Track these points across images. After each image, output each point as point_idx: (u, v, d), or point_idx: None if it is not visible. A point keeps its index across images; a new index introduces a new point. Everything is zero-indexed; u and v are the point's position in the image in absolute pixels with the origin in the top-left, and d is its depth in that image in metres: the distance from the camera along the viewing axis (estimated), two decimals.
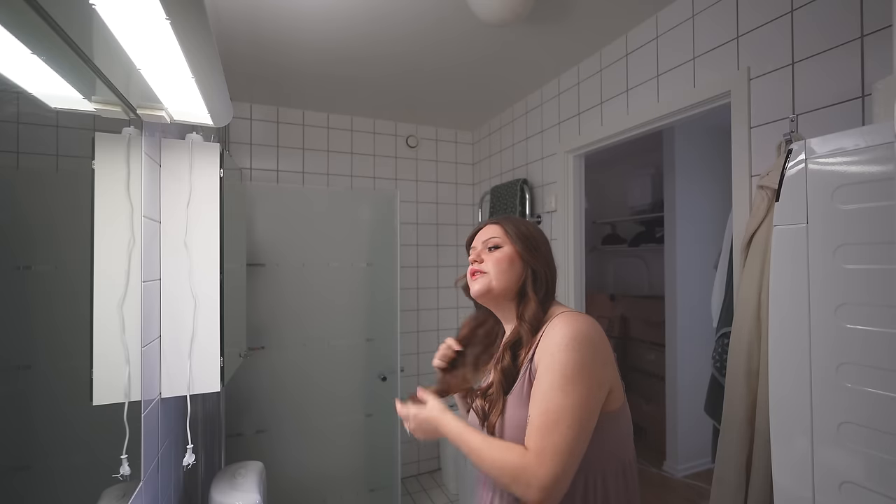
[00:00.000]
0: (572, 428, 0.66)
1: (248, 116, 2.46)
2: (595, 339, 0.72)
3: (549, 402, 0.68)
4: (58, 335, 0.81)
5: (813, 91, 1.15)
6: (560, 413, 0.67)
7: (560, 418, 0.66)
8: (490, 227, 0.90)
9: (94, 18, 0.64)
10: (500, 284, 0.83)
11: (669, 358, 2.80)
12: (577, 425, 0.66)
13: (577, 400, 0.67)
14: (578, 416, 0.67)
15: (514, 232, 0.86)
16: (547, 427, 0.67)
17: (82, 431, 0.89)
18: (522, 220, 0.90)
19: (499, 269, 0.83)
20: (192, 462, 1.18)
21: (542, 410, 0.68)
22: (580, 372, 0.68)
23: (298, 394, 2.09)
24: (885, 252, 0.69)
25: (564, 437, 0.66)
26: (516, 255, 0.85)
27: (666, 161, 2.84)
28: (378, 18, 1.64)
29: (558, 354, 0.70)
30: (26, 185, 0.71)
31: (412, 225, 2.86)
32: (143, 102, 0.98)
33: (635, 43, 1.73)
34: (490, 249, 0.86)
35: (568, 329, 0.72)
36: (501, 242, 0.86)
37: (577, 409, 0.67)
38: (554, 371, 0.69)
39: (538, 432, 0.67)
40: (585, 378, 0.68)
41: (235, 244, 1.51)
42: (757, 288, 1.11)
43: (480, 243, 0.88)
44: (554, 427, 0.66)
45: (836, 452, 0.75)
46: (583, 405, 0.67)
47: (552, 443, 0.66)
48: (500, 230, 0.88)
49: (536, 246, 0.86)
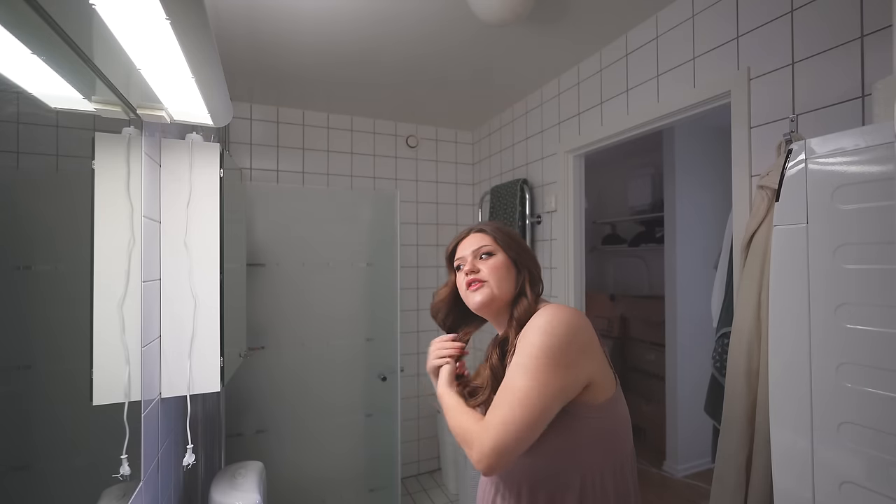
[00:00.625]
0: (523, 405, 0.67)
1: (248, 116, 2.46)
2: (573, 326, 0.72)
3: (510, 379, 0.71)
4: (58, 335, 0.81)
5: (813, 91, 1.15)
6: (515, 390, 0.69)
7: (514, 395, 0.69)
8: (476, 236, 0.88)
9: (94, 18, 0.64)
10: (502, 292, 0.82)
11: (669, 358, 2.80)
12: (528, 403, 0.67)
13: (535, 380, 0.68)
14: (533, 396, 0.67)
15: (502, 238, 0.86)
16: (500, 401, 0.70)
17: (82, 431, 0.89)
18: (502, 225, 0.90)
19: (498, 276, 0.83)
20: (192, 462, 1.18)
21: (503, 387, 0.72)
22: (546, 354, 0.69)
23: (298, 394, 2.09)
24: (885, 252, 0.69)
25: (513, 412, 0.67)
26: (510, 260, 0.85)
27: (666, 161, 2.84)
28: (381, 21, 1.64)
29: (531, 337, 0.72)
30: (26, 185, 0.71)
31: (412, 225, 2.86)
32: (143, 102, 0.98)
33: (635, 43, 1.73)
34: (482, 258, 0.85)
35: (545, 315, 0.73)
36: (493, 250, 0.85)
37: (534, 389, 0.68)
38: (522, 352, 0.71)
39: (493, 405, 0.71)
40: (551, 361, 0.69)
41: (235, 244, 1.51)
42: (757, 288, 1.11)
43: (469, 253, 0.86)
44: (506, 401, 0.69)
45: (836, 452, 0.75)
46: (541, 386, 0.68)
47: (500, 415, 0.68)
48: (489, 238, 0.86)
49: (524, 248, 0.88)
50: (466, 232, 0.90)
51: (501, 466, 0.68)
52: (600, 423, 0.74)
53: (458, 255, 0.88)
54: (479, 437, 0.69)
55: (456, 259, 0.89)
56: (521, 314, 0.80)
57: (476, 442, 0.69)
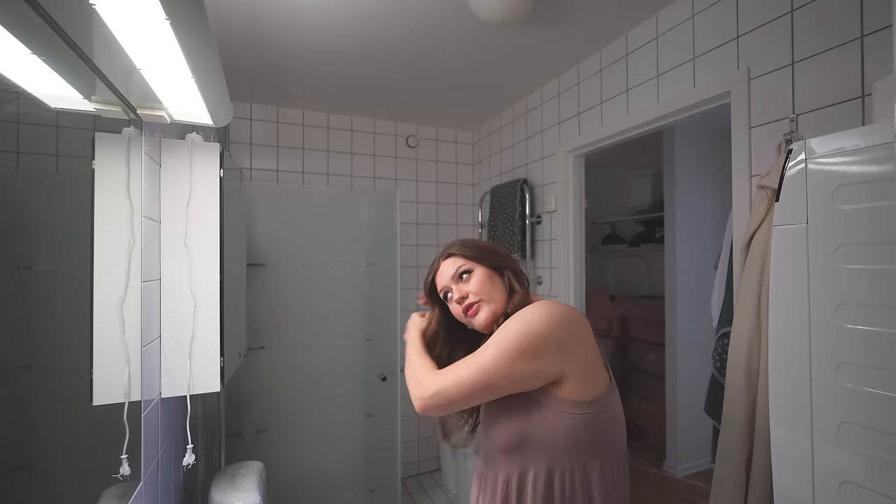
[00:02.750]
0: (479, 373, 0.72)
1: (248, 116, 2.46)
2: (557, 321, 0.73)
3: (479, 351, 0.75)
4: (58, 335, 0.81)
5: (813, 91, 1.15)
6: (479, 359, 0.73)
7: (476, 362, 0.73)
8: (448, 262, 0.88)
9: (94, 18, 0.64)
10: (497, 302, 0.84)
11: (669, 358, 2.80)
12: (483, 374, 0.72)
13: (499, 358, 0.72)
14: (490, 370, 0.72)
15: (472, 252, 0.87)
16: (461, 363, 0.76)
17: (82, 431, 0.89)
18: (464, 239, 0.92)
19: (486, 289, 0.84)
20: (192, 462, 1.18)
21: (470, 355, 0.76)
22: (519, 340, 0.72)
23: (298, 394, 2.09)
24: (885, 252, 0.69)
25: (467, 373, 0.73)
26: (489, 269, 0.86)
27: (666, 161, 2.84)
28: (378, 18, 1.64)
29: (512, 322, 0.75)
30: (26, 185, 0.71)
31: (412, 225, 2.86)
32: (143, 102, 0.98)
33: (635, 43, 1.73)
34: (462, 278, 0.86)
35: (534, 307, 0.76)
36: (469, 267, 0.86)
37: (494, 365, 0.72)
38: (499, 332, 0.75)
39: (454, 364, 0.77)
40: (521, 348, 0.71)
41: (235, 244, 1.51)
42: (757, 288, 1.11)
43: (449, 279, 0.87)
44: (465, 365, 0.74)
45: (836, 452, 0.75)
46: (502, 365, 0.71)
47: (455, 372, 0.75)
48: (460, 259, 0.87)
49: (494, 250, 0.90)
50: (437, 263, 0.91)
51: (433, 411, 0.75)
52: (580, 420, 0.73)
53: (440, 287, 0.89)
54: (429, 381, 0.76)
55: (440, 291, 0.89)
56: (515, 307, 0.81)
57: (424, 383, 0.77)
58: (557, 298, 2.15)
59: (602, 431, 0.76)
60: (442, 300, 0.90)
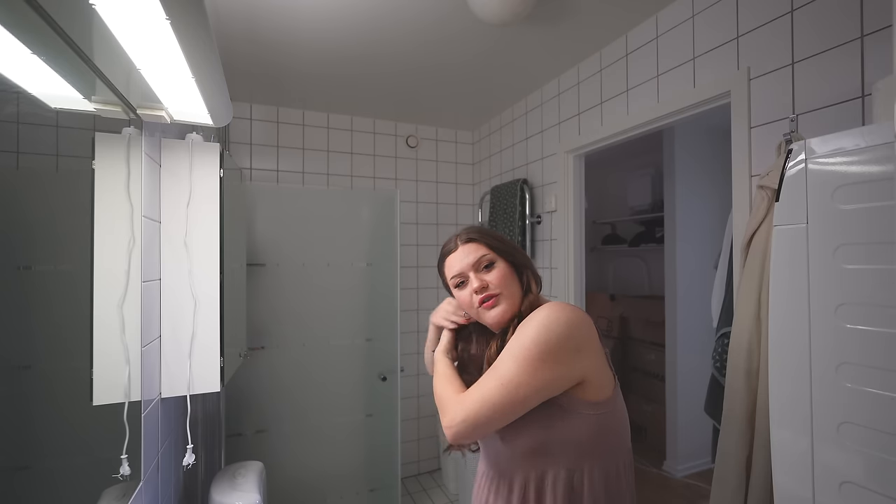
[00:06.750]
0: (504, 389, 0.69)
1: (248, 116, 2.46)
2: (572, 324, 0.72)
3: (499, 362, 0.73)
4: (58, 335, 0.81)
5: (813, 91, 1.15)
6: (501, 374, 0.70)
7: (498, 378, 0.70)
8: (469, 247, 0.84)
9: (95, 18, 0.64)
10: (515, 300, 0.82)
11: (669, 358, 2.80)
12: (509, 390, 0.69)
13: (521, 370, 0.69)
14: (515, 383, 0.69)
15: (496, 245, 0.85)
16: (484, 380, 0.72)
17: (82, 431, 0.89)
18: (485, 228, 0.89)
19: (506, 284, 0.82)
20: (192, 462, 1.18)
21: (491, 368, 0.73)
22: (538, 347, 0.69)
23: (298, 394, 2.09)
24: (884, 252, 0.69)
25: (492, 393, 0.69)
26: (511, 266, 0.84)
27: (666, 161, 2.84)
28: (378, 17, 1.64)
29: (528, 329, 0.72)
30: (26, 185, 0.71)
31: (412, 225, 2.86)
32: (143, 102, 0.98)
33: (635, 43, 1.73)
34: (484, 269, 0.83)
35: (547, 310, 0.74)
36: (493, 258, 0.83)
37: (518, 377, 0.69)
38: (516, 341, 0.73)
39: (477, 383, 0.73)
40: (542, 355, 0.69)
41: (235, 244, 1.51)
42: (757, 288, 1.11)
43: (469, 266, 0.82)
44: (489, 382, 0.71)
45: (836, 452, 0.75)
46: (525, 376, 0.69)
47: (479, 393, 0.71)
48: (483, 247, 0.84)
49: (515, 248, 0.88)
50: (454, 243, 0.86)
51: (465, 438, 0.71)
52: (596, 420, 0.74)
53: (457, 271, 0.84)
54: (455, 407, 0.72)
55: (455, 275, 0.84)
56: (526, 308, 0.80)
57: (450, 410, 0.73)
58: (557, 298, 2.14)
59: (614, 430, 0.77)
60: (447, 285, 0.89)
